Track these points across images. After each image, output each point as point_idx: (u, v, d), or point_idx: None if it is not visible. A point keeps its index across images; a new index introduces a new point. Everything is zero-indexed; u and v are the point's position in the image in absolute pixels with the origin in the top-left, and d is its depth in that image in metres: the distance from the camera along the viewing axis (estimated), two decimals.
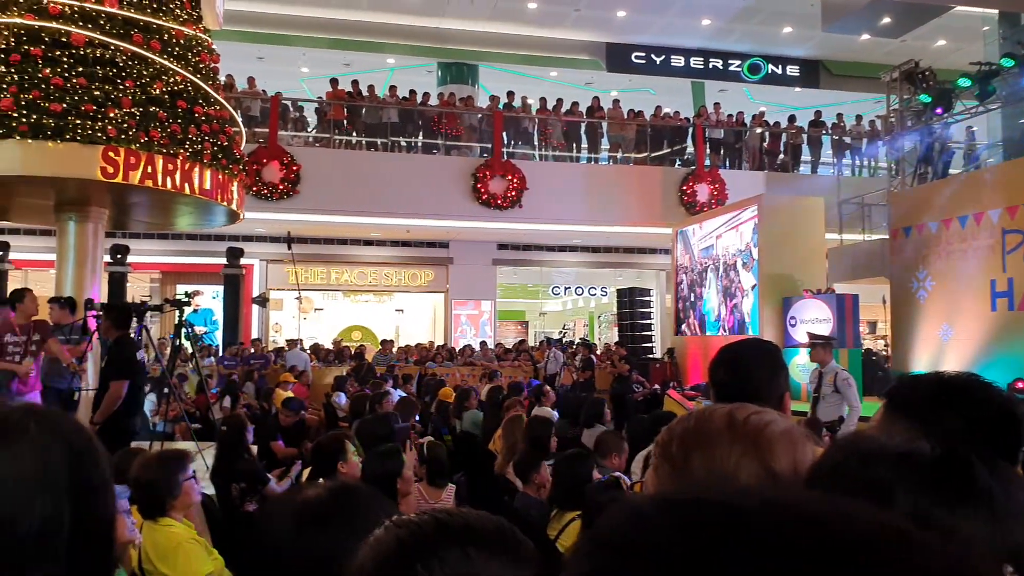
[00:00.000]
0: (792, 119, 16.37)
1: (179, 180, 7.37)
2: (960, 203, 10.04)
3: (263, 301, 14.13)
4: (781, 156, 15.96)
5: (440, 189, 13.52)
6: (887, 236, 11.55)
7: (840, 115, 16.68)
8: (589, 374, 12.18)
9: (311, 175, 12.86)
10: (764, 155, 15.83)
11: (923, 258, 10.58)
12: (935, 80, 11.39)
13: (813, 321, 10.13)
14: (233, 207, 8.37)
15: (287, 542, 1.15)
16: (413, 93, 15.03)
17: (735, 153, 15.81)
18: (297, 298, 14.15)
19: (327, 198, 12.99)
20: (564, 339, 16.35)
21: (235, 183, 8.32)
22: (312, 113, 15.32)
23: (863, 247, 12.61)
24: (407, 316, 18.84)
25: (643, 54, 17.54)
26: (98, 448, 1.06)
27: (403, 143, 14.82)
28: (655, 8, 15.90)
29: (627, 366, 12.33)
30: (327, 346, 14.33)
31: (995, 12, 13.50)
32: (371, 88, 14.85)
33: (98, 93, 6.95)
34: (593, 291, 21.46)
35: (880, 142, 13.76)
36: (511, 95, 15.52)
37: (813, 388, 6.92)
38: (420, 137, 14.96)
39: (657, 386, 12.42)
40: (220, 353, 13.39)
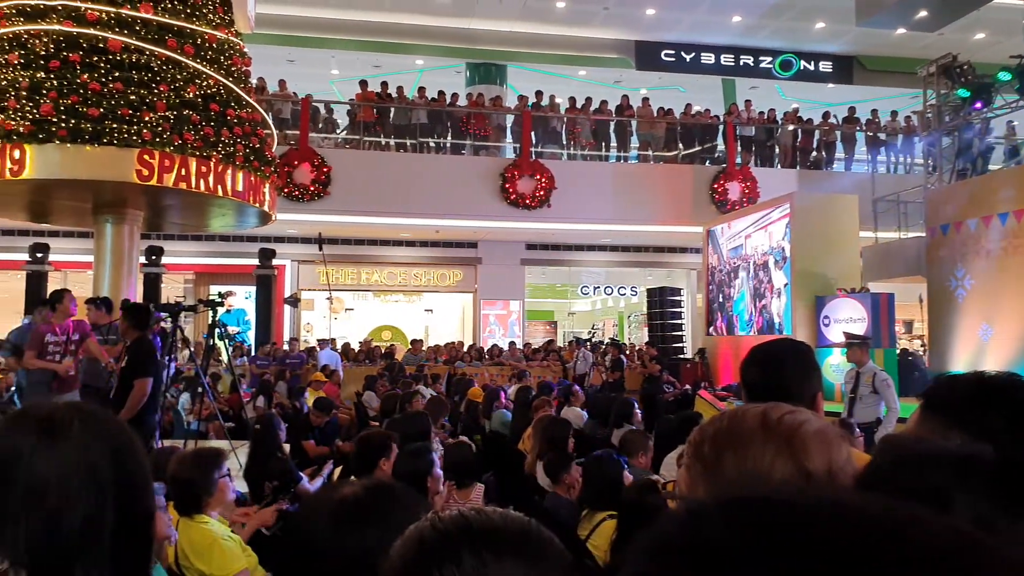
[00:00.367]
0: (826, 115, 16.12)
1: (212, 182, 7.49)
2: (1001, 200, 9.81)
3: (295, 301, 14.28)
4: (814, 153, 15.73)
5: (469, 189, 13.57)
6: (923, 234, 11.33)
7: (875, 111, 16.39)
8: (619, 374, 12.10)
9: (341, 176, 12.98)
10: (797, 152, 15.63)
11: (962, 256, 10.35)
12: (974, 74, 11.15)
13: (847, 320, 9.97)
14: (265, 208, 8.48)
15: (325, 539, 1.16)
16: (442, 94, 15.09)
17: (767, 151, 15.62)
18: (328, 298, 14.30)
19: (357, 199, 13.10)
20: (593, 339, 16.27)
21: (267, 185, 8.43)
22: (343, 115, 15.44)
23: (898, 245, 12.38)
24: (436, 316, 18.91)
25: (673, 52, 17.39)
26: (139, 446, 1.09)
27: (432, 144, 14.89)
28: (684, 5, 15.76)
29: (657, 366, 12.25)
30: (355, 346, 14.43)
31: None
32: (400, 89, 14.94)
33: (134, 97, 7.08)
34: (623, 291, 21.33)
35: (916, 138, 13.50)
36: (539, 95, 15.50)
37: (849, 389, 6.82)
38: (449, 138, 15.01)
39: (688, 386, 12.32)
40: (252, 353, 13.57)
